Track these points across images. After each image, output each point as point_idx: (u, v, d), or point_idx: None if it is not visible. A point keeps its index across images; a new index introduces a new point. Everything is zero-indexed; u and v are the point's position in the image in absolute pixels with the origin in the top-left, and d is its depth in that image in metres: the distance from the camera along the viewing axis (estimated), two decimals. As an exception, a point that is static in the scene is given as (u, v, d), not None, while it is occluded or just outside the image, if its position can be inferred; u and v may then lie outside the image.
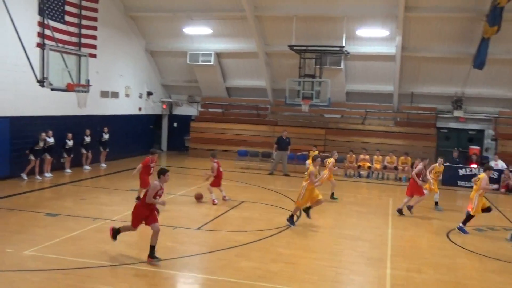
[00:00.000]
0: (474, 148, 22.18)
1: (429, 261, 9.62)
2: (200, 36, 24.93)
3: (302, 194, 11.95)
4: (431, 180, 14.59)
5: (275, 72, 25.87)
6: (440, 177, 16.00)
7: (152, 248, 8.66)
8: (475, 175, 19.37)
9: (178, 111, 29.10)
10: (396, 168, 21.01)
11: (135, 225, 8.97)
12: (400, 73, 23.43)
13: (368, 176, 21.31)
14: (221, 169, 14.50)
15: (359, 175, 21.47)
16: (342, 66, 23.95)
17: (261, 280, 8.09)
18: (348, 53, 22.67)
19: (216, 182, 14.37)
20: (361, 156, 21.50)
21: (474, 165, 20.05)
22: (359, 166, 21.31)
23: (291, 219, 11.91)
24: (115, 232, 9.23)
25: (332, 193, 15.88)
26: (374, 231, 11.90)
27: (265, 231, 11.16)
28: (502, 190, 18.81)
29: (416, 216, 13.64)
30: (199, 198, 14.24)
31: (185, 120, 27.93)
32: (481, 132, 24.50)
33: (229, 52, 25.42)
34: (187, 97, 28.61)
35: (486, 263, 9.76)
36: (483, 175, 12.15)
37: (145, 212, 8.83)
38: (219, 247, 9.82)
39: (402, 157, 21.08)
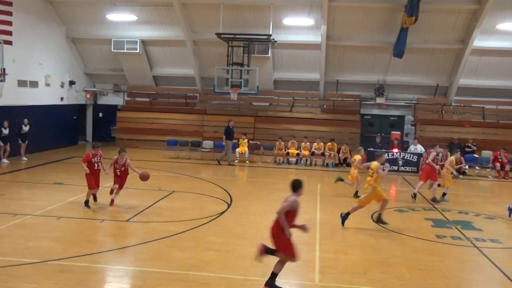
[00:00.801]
0: (396, 133, 23.25)
1: (356, 243, 10.01)
2: (125, 23, 24.17)
3: (368, 193, 11.32)
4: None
5: (203, 61, 25.66)
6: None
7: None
8: (396, 159, 20.44)
9: (103, 100, 28.15)
10: (323, 154, 21.60)
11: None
12: (326, 61, 24.02)
13: (296, 163, 21.75)
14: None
15: (288, 162, 21.87)
16: (270, 54, 24.18)
17: (193, 270, 8.06)
18: (275, 41, 22.91)
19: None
20: (290, 143, 21.89)
21: (396, 150, 21.03)
22: (287, 153, 21.69)
23: (344, 218, 11.31)
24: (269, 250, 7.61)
25: (356, 192, 14.78)
26: (304, 216, 12.10)
27: (197, 220, 11.11)
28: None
29: (342, 200, 14.13)
30: (145, 178, 12.23)
31: (111, 110, 27.09)
32: (401, 118, 25.72)
33: (156, 40, 24.87)
34: (112, 86, 27.72)
35: (407, 242, 10.29)
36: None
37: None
38: (149, 239, 9.66)
39: (329, 144, 21.71)
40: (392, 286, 7.76)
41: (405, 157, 20.56)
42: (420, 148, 21.21)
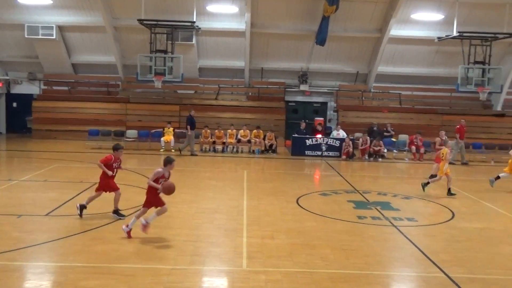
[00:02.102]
0: (319, 119, 23.88)
1: (281, 227, 10.21)
2: (39, 7, 22.87)
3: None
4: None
5: (125, 47, 24.89)
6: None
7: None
8: (320, 144, 21.01)
9: (17, 89, 26.58)
10: (249, 141, 21.77)
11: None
12: (250, 49, 24.13)
13: (223, 151, 21.76)
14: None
15: (215, 150, 21.84)
16: (194, 41, 23.92)
17: (118, 262, 7.85)
18: (199, 28, 22.68)
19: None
20: (216, 131, 21.86)
21: (319, 135, 21.61)
22: (214, 142, 21.64)
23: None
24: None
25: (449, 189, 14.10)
26: (231, 203, 12.25)
27: (122, 211, 10.81)
28: (343, 157, 20.61)
29: (269, 186, 14.34)
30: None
31: (26, 99, 25.64)
32: (324, 104, 26.45)
33: (73, 25, 23.78)
34: (27, 74, 26.19)
35: (331, 224, 10.64)
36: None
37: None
38: (71, 233, 9.28)
39: (255, 131, 21.91)
40: (317, 267, 7.99)
41: (328, 142, 21.19)
42: (342, 133, 21.93)
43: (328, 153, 21.04)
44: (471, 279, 7.70)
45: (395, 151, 22.22)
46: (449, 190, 13.87)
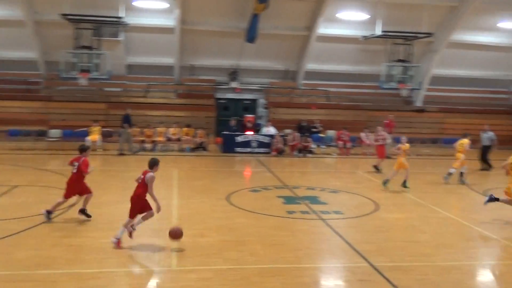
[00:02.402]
0: (249, 116, 24.03)
1: (212, 225, 10.18)
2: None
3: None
4: None
5: (47, 43, 23.78)
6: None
7: None
8: (250, 141, 21.16)
9: None
10: (179, 140, 21.53)
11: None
12: (180, 45, 23.86)
13: (153, 149, 21.37)
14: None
15: (144, 149, 21.40)
16: (121, 37, 23.30)
17: (40, 268, 7.50)
18: (127, 24, 22.10)
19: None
20: (145, 130, 21.42)
21: (250, 132, 21.77)
22: (143, 140, 21.20)
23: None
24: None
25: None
26: (160, 202, 12.03)
27: (43, 215, 10.34)
28: (274, 153, 20.89)
29: (199, 184, 14.26)
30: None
31: None
32: (254, 101, 26.66)
33: (-11, 19, 22.40)
34: None
35: (261, 220, 10.75)
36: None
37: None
38: (-13, 239, 8.75)
39: (185, 128, 21.70)
40: (247, 263, 8.04)
41: (259, 139, 21.39)
42: (272, 130, 22.21)
43: (259, 150, 21.24)
44: (392, 267, 8.05)
45: (323, 146, 22.82)
46: (406, 181, 14.52)
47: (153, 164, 8.87)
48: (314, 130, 23.73)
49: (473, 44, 25.26)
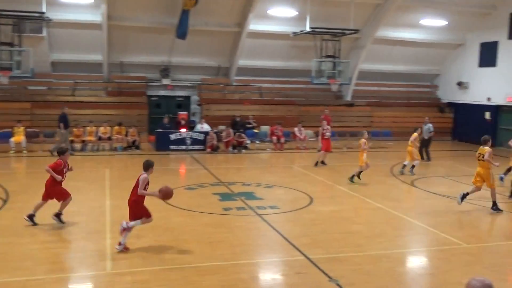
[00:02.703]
0: (183, 114, 23.72)
1: (147, 225, 9.88)
2: None
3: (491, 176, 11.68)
4: None
5: (-38, 39, 22.23)
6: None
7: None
8: (184, 138, 20.94)
9: None
10: (110, 139, 20.91)
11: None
12: (108, 42, 23.12)
13: (82, 149, 20.60)
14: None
15: (73, 149, 20.57)
16: (45, 34, 22.25)
17: (-39, 280, 7.03)
18: (50, 20, 21.10)
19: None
20: (74, 129, 20.61)
21: (184, 129, 21.53)
22: (72, 140, 20.39)
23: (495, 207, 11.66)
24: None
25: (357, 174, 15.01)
26: (92, 204, 11.68)
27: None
28: (208, 150, 20.79)
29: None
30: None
31: None
32: (187, 98, 26.37)
33: None
34: None
35: (197, 218, 10.68)
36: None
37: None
38: None
39: (116, 127, 21.10)
40: (185, 262, 7.96)
41: (193, 136, 21.21)
42: (206, 127, 22.09)
43: (193, 147, 21.06)
44: (328, 258, 8.27)
45: (257, 142, 23.00)
46: (355, 176, 14.91)
47: (148, 166, 8.70)
48: (248, 126, 23.86)
49: (397, 40, 26.35)
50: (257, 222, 10.41)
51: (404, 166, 16.59)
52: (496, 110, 24.88)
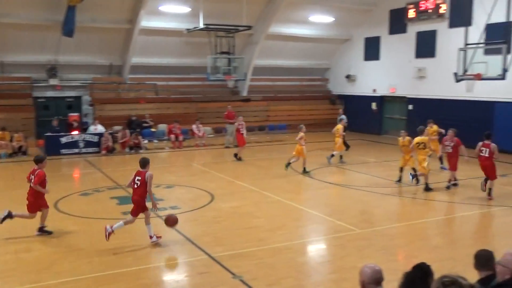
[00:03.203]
0: (74, 115, 22.57)
1: (38, 237, 9.33)
2: None
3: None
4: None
5: None
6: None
7: None
8: (77, 141, 19.94)
9: None
10: (-7, 145, 19.30)
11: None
12: (-15, 40, 21.28)
13: (-39, 158, 18.80)
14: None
15: (-50, 159, 18.73)
16: None
17: None
18: None
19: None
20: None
21: (76, 132, 20.47)
22: None
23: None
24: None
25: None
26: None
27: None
28: (103, 152, 19.97)
29: (21, 193, 12.98)
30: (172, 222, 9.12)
31: None
32: (78, 98, 25.07)
33: None
34: None
35: (94, 225, 10.18)
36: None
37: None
38: None
39: (0, 132, 19.52)
40: (82, 273, 7.59)
41: (86, 139, 20.24)
42: (100, 128, 21.20)
43: (87, 150, 20.09)
44: (231, 255, 8.32)
45: (155, 141, 22.51)
46: (306, 170, 15.68)
47: (146, 163, 9.13)
48: (145, 125, 23.27)
49: (289, 36, 27.13)
50: (158, 224, 10.16)
51: (332, 155, 17.52)
52: (381, 100, 26.62)
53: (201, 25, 22.78)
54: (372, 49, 26.81)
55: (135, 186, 9.03)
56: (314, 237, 9.89)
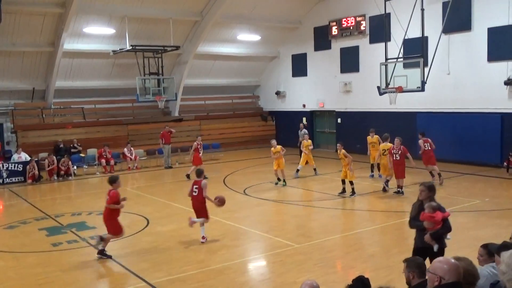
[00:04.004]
0: (-5, 143, 21.37)
1: (-40, 277, 8.69)
2: None
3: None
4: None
5: None
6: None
7: None
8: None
9: None
10: None
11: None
12: None
13: None
14: None
15: None
16: None
17: None
18: None
19: None
20: None
21: (-2, 161, 19.37)
22: None
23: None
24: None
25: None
26: None
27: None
28: (29, 181, 18.99)
29: None
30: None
31: None
32: (0, 126, 23.79)
33: None
34: None
35: (22, 259, 9.64)
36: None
37: None
38: None
39: None
40: (10, 313, 7.12)
41: (9, 168, 19.18)
42: (24, 156, 20.16)
43: (11, 180, 19.02)
44: (170, 280, 8.13)
45: (85, 166, 21.71)
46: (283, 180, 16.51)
47: (201, 173, 10.61)
48: (74, 150, 22.40)
49: (218, 55, 27.26)
50: (92, 254, 9.77)
51: (298, 170, 18.01)
52: (311, 115, 27.29)
53: (128, 47, 22.41)
54: (299, 66, 27.52)
55: (194, 194, 10.30)
56: (253, 255, 9.88)
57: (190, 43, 25.51)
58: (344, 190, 14.40)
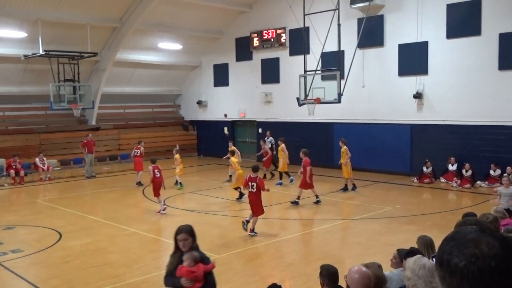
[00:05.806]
0: None
1: None
2: None
3: None
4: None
5: None
6: None
7: None
8: None
9: None
10: None
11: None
12: None
13: None
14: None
15: None
16: None
17: None
18: None
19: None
20: None
21: None
22: None
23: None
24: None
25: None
26: None
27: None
28: None
29: None
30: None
31: None
32: None
33: None
34: None
35: None
36: None
37: None
38: None
39: None
40: None
41: None
42: None
43: None
44: (84, 297, 7.75)
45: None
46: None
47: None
48: (-22, 161, 20.89)
49: (138, 63, 26.64)
50: (-3, 272, 9.11)
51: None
52: (232, 125, 27.41)
53: (41, 51, 21.34)
54: (221, 76, 27.59)
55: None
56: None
57: (109, 49, 24.74)
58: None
